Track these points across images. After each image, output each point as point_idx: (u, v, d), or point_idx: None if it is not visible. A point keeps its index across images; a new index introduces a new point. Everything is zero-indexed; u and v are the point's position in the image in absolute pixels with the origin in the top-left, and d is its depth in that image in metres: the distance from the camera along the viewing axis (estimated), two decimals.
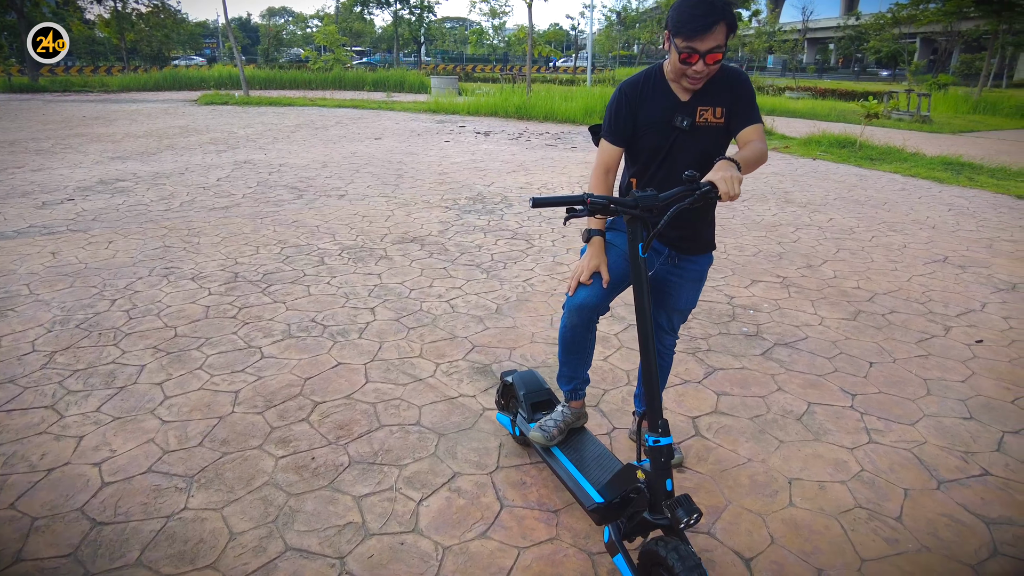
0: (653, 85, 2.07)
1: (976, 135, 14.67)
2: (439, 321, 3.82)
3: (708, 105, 2.02)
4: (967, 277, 4.80)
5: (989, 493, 2.46)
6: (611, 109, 2.11)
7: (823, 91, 23.48)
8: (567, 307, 2.15)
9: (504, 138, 12.09)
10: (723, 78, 2.02)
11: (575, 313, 2.13)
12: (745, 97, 2.01)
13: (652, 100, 2.06)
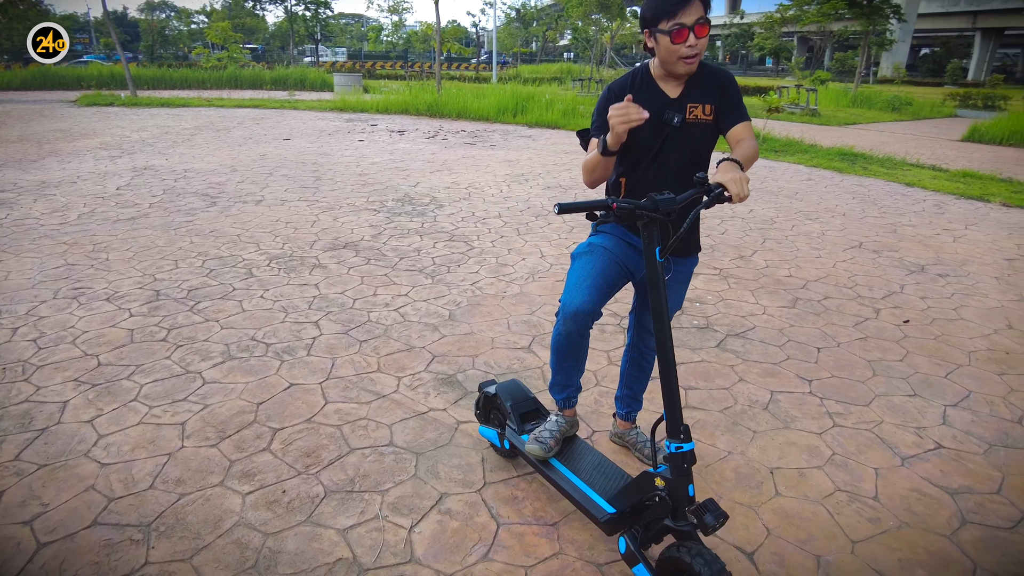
0: (642, 83, 2.04)
1: (859, 127, 15.90)
2: (391, 331, 3.65)
3: (698, 102, 2.01)
4: (883, 261, 5.15)
5: (946, 465, 2.61)
6: (600, 107, 2.06)
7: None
8: (562, 314, 2.07)
9: (420, 136, 11.86)
10: (711, 76, 2.02)
11: (571, 320, 2.06)
12: (733, 96, 2.02)
13: (642, 98, 2.02)
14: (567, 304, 2.06)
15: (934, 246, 5.60)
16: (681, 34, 1.86)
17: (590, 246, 2.17)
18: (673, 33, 1.86)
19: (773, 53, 60.06)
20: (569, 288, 2.09)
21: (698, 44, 1.88)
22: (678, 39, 1.87)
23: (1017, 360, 3.53)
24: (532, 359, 3.38)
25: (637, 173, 2.10)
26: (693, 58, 1.91)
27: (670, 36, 1.87)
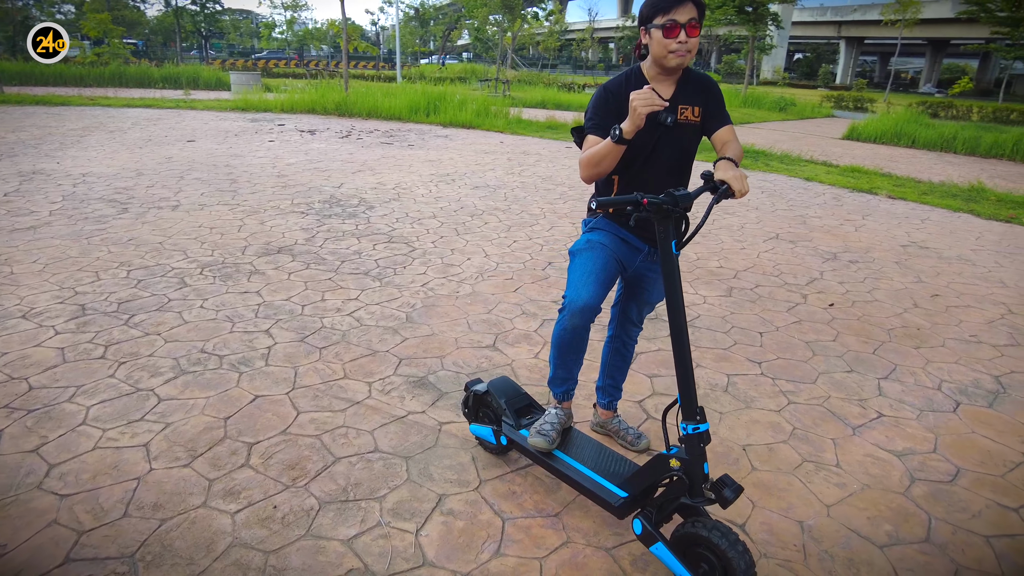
0: (636, 84, 2.12)
1: (753, 126, 17.01)
2: (350, 337, 3.56)
3: (688, 104, 2.11)
4: (800, 250, 5.57)
5: (888, 431, 2.89)
6: (597, 106, 2.12)
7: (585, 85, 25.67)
8: (569, 310, 2.12)
9: (333, 136, 11.52)
10: (697, 80, 2.15)
11: (578, 315, 2.11)
12: (718, 100, 2.15)
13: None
14: (574, 300, 2.11)
15: (840, 235, 6.13)
16: (673, 30, 1.96)
17: (588, 242, 2.23)
18: (666, 28, 1.96)
19: None
20: (574, 284, 2.14)
21: (688, 42, 1.99)
22: (670, 34, 1.97)
23: (927, 335, 3.94)
24: (499, 357, 3.40)
25: (631, 171, 2.18)
26: (683, 54, 2.01)
27: (663, 31, 1.97)
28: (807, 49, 68.88)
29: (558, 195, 7.37)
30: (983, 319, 4.21)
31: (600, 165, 2.06)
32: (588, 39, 52.34)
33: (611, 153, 2.01)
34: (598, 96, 2.16)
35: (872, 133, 14.46)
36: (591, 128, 2.13)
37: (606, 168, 2.07)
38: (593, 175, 2.11)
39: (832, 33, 54.61)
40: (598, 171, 2.09)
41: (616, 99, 2.10)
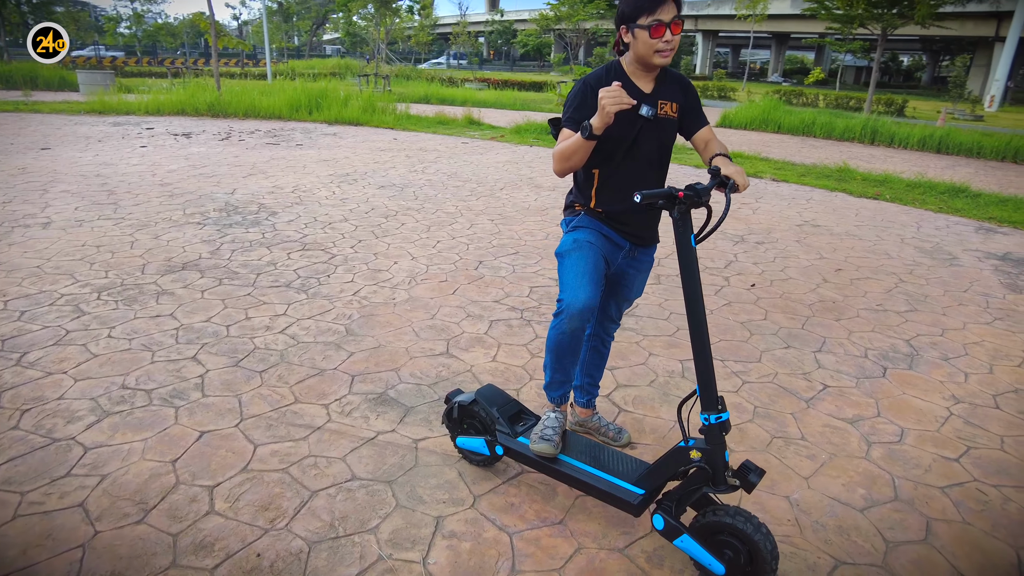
0: (616, 78, 2.09)
1: None
2: (289, 356, 3.29)
3: (666, 99, 2.12)
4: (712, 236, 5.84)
5: (836, 400, 3.09)
6: (576, 99, 2.08)
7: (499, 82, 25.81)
8: (568, 313, 2.06)
9: (211, 139, 10.68)
10: (674, 77, 2.16)
11: (576, 318, 2.06)
12: (695, 100, 2.18)
13: None
14: (572, 302, 2.05)
15: (742, 219, 6.51)
16: (659, 30, 1.94)
17: (575, 242, 2.18)
18: (652, 28, 1.94)
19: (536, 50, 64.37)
20: (569, 286, 2.09)
21: (673, 40, 1.98)
22: (656, 34, 1.95)
23: (842, 307, 4.27)
24: (457, 364, 3.28)
25: (611, 165, 2.15)
26: (668, 52, 2.01)
27: (649, 31, 1.95)
28: None
29: (468, 192, 7.27)
30: (882, 289, 4.63)
31: (571, 160, 2.04)
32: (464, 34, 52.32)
33: (581, 148, 1.99)
34: (577, 90, 2.12)
35: (742, 120, 15.53)
36: (566, 121, 2.09)
37: (577, 163, 2.05)
38: (566, 169, 2.08)
39: (689, 26, 58.12)
40: (570, 165, 2.06)
41: (595, 94, 2.06)
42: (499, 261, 4.90)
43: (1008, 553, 2.16)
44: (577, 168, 2.09)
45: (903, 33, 19.57)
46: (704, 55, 58.97)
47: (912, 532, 2.23)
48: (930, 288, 4.68)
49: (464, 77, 28.70)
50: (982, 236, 6.27)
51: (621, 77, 2.09)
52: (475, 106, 17.56)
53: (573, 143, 1.99)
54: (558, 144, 2.07)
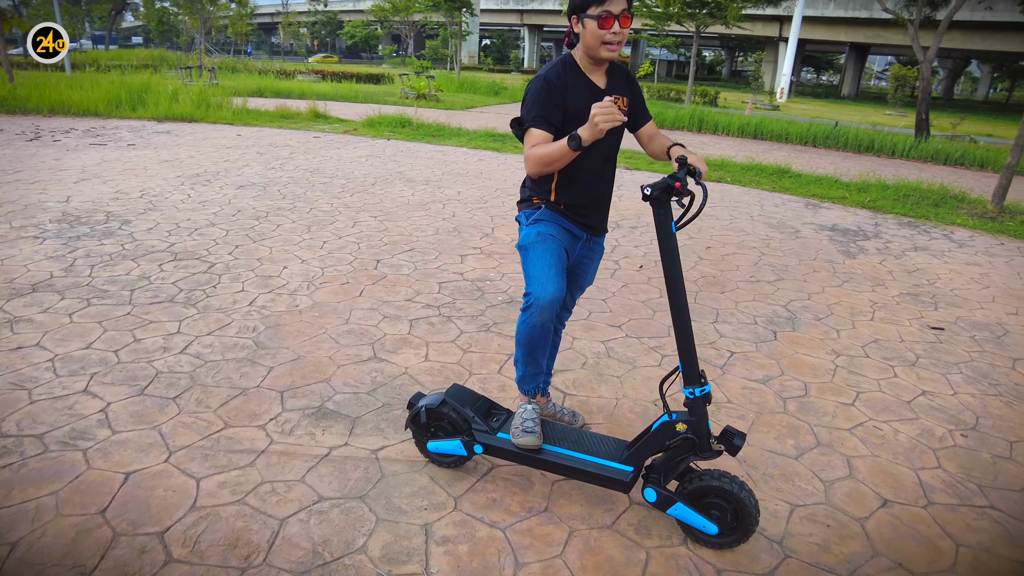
0: (573, 74, 2.13)
1: (479, 110, 17.95)
2: (201, 378, 2.98)
3: (619, 94, 2.20)
4: None
5: (745, 363, 3.42)
6: (539, 96, 2.08)
7: (336, 74, 24.79)
8: (537, 306, 2.08)
9: (16, 139, 9.17)
10: (621, 71, 2.25)
11: (547, 310, 2.09)
12: (641, 94, 2.31)
13: (575, 88, 2.12)
14: (541, 295, 2.08)
15: (612, 206, 6.90)
16: (608, 21, 2.01)
17: (539, 235, 2.20)
18: (600, 19, 2.00)
19: (364, 42, 62.72)
20: (537, 279, 2.11)
21: (621, 32, 2.06)
22: (605, 25, 2.01)
23: (722, 280, 4.71)
24: (389, 367, 3.18)
25: (573, 161, 2.19)
26: (615, 44, 2.08)
27: (597, 21, 2.01)
28: (493, 35, 74.58)
29: (339, 188, 6.97)
30: (749, 262, 5.18)
31: (552, 166, 2.05)
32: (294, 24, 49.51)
33: (566, 157, 2.00)
34: (538, 88, 2.11)
35: None
36: (536, 120, 2.09)
37: (557, 168, 2.08)
38: (543, 172, 2.11)
39: (515, 21, 59.88)
40: (549, 170, 2.09)
41: (559, 90, 2.09)
42: (397, 259, 4.78)
43: (911, 475, 2.56)
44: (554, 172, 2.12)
45: (706, 31, 21.75)
46: (531, 49, 61.12)
47: (839, 470, 2.56)
48: (787, 259, 5.31)
49: (297, 69, 27.22)
50: (812, 211, 7.23)
51: (578, 73, 2.14)
52: (314, 99, 16.77)
53: (556, 151, 1.98)
54: (534, 148, 2.06)
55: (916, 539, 2.22)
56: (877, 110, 29.45)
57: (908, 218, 7.15)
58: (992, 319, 4.27)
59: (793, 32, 34.36)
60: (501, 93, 23.09)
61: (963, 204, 7.72)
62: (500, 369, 3.22)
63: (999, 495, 2.48)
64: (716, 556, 2.07)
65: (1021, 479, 2.60)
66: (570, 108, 2.09)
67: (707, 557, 2.07)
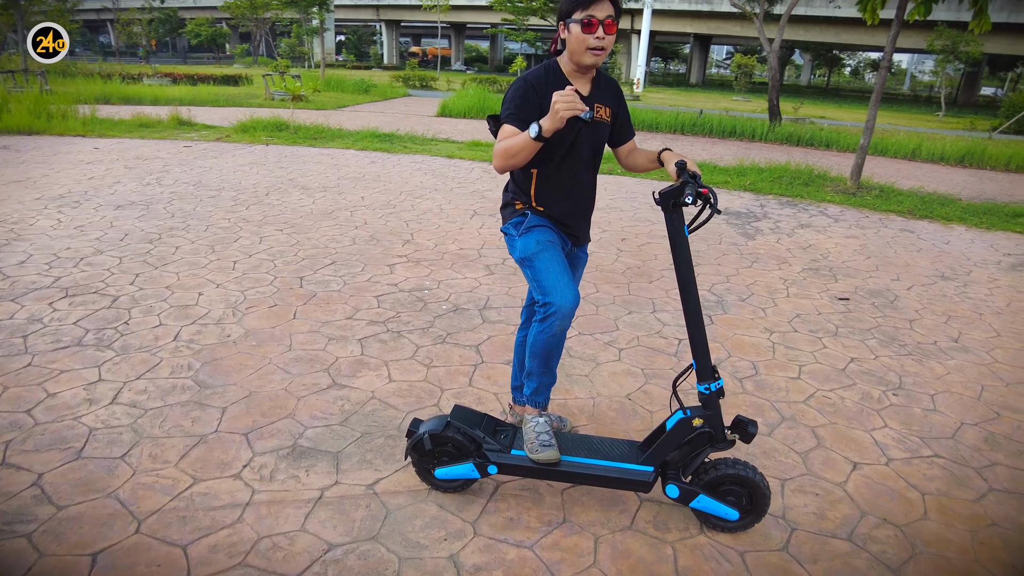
0: (555, 79, 2.12)
1: (352, 109, 17.35)
2: (146, 430, 2.67)
3: (602, 103, 2.22)
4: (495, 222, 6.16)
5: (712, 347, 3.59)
6: (517, 97, 2.07)
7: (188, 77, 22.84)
8: (560, 315, 2.06)
9: None
10: (607, 82, 2.27)
11: (569, 317, 2.09)
12: (626, 109, 2.36)
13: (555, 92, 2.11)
14: (562, 304, 2.06)
15: None
16: (592, 25, 2.02)
17: (539, 243, 2.18)
18: (584, 24, 2.01)
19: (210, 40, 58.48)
20: (555, 287, 2.09)
21: (605, 39, 2.08)
22: (588, 30, 2.02)
23: (646, 270, 4.92)
24: (355, 394, 3.01)
25: (551, 166, 2.19)
26: (600, 51, 2.10)
27: (581, 26, 2.02)
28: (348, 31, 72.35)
29: (231, 201, 6.47)
30: (665, 250, 5.44)
31: (515, 158, 2.01)
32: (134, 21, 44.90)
33: (527, 148, 1.97)
34: (519, 87, 2.10)
35: (462, 109, 16.34)
36: (509, 117, 2.07)
37: (521, 161, 2.03)
38: (508, 166, 2.06)
39: (372, 16, 58.48)
40: (513, 163, 2.03)
41: (537, 92, 2.08)
42: (321, 275, 4.53)
43: (866, 437, 2.82)
44: (520, 166, 2.07)
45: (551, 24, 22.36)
46: (389, 45, 60.02)
47: (808, 441, 2.77)
48: (696, 245, 5.64)
49: (142, 72, 24.80)
50: None
51: (559, 77, 2.14)
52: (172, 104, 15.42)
53: (519, 142, 1.96)
54: (501, 141, 2.04)
55: (889, 494, 2.46)
56: (725, 96, 31.97)
57: (786, 198, 7.85)
58: (882, 286, 4.81)
59: (645, 24, 36.34)
60: (371, 91, 22.48)
61: (827, 182, 8.61)
62: (470, 381, 3.16)
63: (938, 444, 2.81)
64: (734, 540, 2.18)
65: (950, 427, 2.95)
66: (545, 112, 2.08)
67: (726, 542, 2.17)
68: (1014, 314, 4.41)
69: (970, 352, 3.75)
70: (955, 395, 3.25)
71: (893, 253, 5.69)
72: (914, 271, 5.22)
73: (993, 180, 10.76)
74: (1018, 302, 4.67)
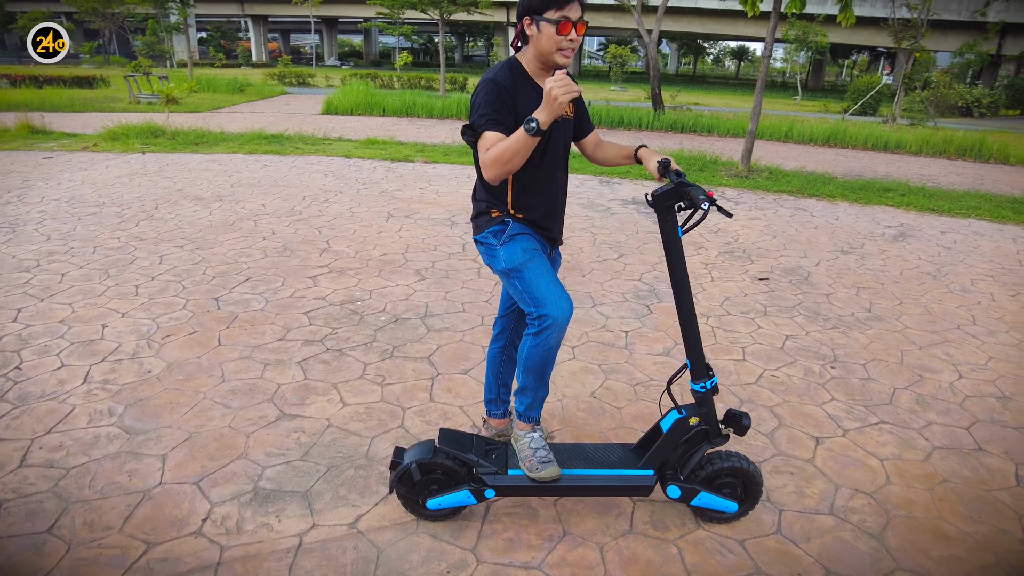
0: (521, 78, 2.05)
1: (227, 111, 16.24)
2: (73, 494, 2.32)
3: None
4: (420, 222, 5.99)
5: (641, 341, 3.66)
6: (490, 100, 1.96)
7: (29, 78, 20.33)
8: (556, 326, 1.99)
9: None
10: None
11: (565, 327, 2.02)
12: (583, 104, 2.29)
13: (524, 93, 2.04)
14: (559, 314, 1.99)
15: (433, 202, 6.80)
16: (566, 27, 1.96)
17: (525, 252, 2.09)
18: (560, 24, 1.95)
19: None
20: (549, 298, 2.01)
21: (576, 40, 2.03)
22: (563, 31, 1.96)
23: (578, 265, 4.95)
24: (309, 423, 2.79)
25: (529, 167, 2.11)
26: (571, 51, 2.04)
27: (556, 27, 1.95)
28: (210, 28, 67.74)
29: (117, 218, 5.82)
30: (588, 243, 5.51)
31: (512, 161, 1.90)
32: None
33: (525, 146, 1.86)
34: (488, 90, 1.99)
35: (348, 106, 15.75)
36: (489, 123, 1.96)
37: (518, 164, 1.91)
38: (503, 173, 1.94)
39: (236, 11, 55.03)
40: (509, 168, 1.91)
41: (508, 93, 2.00)
42: (238, 293, 4.18)
43: (819, 411, 2.98)
44: (516, 170, 1.97)
45: (430, 17, 22.02)
46: (258, 42, 56.80)
47: (770, 422, 2.89)
48: (616, 235, 5.75)
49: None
50: (608, 188, 7.89)
51: (522, 75, 2.05)
52: (17, 110, 13.70)
53: (515, 143, 1.84)
54: (490, 149, 1.91)
55: (854, 464, 2.60)
56: (602, 87, 32.99)
57: None
58: (793, 264, 5.13)
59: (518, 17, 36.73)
60: (246, 90, 21.16)
61: (720, 167, 9.09)
62: (431, 396, 3.02)
63: (881, 411, 3.02)
64: (730, 529, 2.22)
65: (886, 393, 3.19)
66: (520, 113, 2.00)
67: (724, 533, 2.20)
68: (908, 282, 4.86)
69: (884, 320, 4.08)
70: (882, 362, 3.51)
71: (794, 231, 6.10)
72: (817, 247, 5.62)
73: (856, 158, 11.85)
74: (908, 270, 5.14)
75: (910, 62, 19.41)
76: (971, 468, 2.63)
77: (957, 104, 21.92)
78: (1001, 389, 3.29)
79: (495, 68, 2.07)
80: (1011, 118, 26.63)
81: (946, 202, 7.70)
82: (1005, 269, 5.32)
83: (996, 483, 2.54)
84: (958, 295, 4.61)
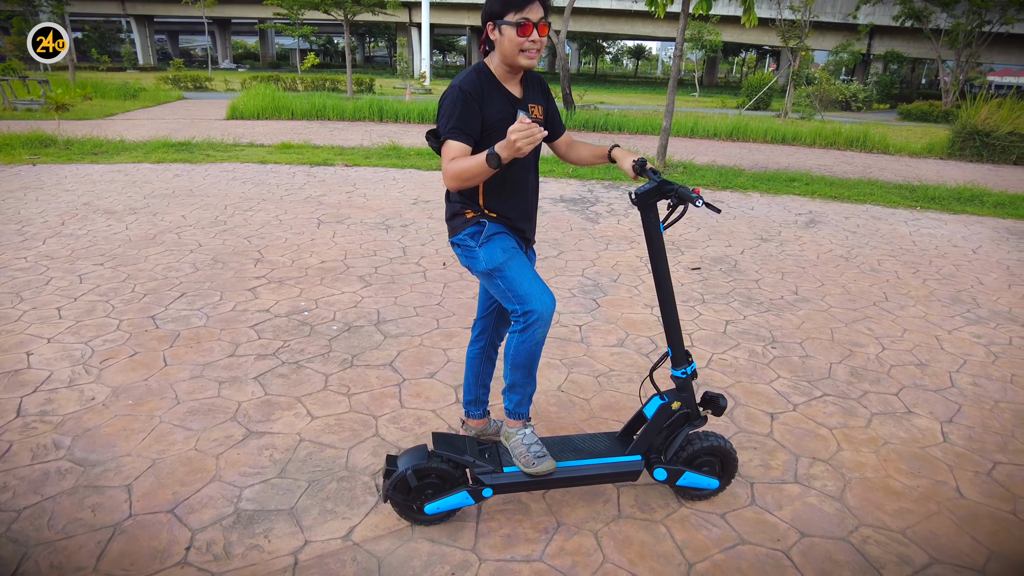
0: (489, 83, 2.08)
1: (122, 117, 15.19)
2: (32, 537, 2.15)
3: (535, 103, 2.22)
4: (357, 226, 5.88)
5: (595, 335, 3.78)
6: (455, 108, 1.99)
7: None
8: (542, 321, 2.04)
9: None
10: (535, 80, 2.26)
11: (550, 321, 2.07)
12: (554, 104, 2.35)
13: (492, 98, 2.08)
14: (544, 310, 2.04)
15: (366, 207, 6.69)
16: (526, 28, 2.01)
17: (505, 252, 2.13)
18: (519, 26, 2.00)
19: None
20: (533, 294, 2.06)
21: (539, 40, 2.08)
22: (523, 32, 2.01)
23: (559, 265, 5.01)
24: (280, 440, 2.71)
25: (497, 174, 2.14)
26: (534, 52, 2.09)
27: (516, 29, 2.00)
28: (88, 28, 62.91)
29: (17, 235, 5.35)
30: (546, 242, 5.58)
31: (471, 181, 1.96)
32: None
33: (484, 172, 1.91)
34: (454, 98, 2.01)
35: (254, 111, 15.13)
36: (453, 132, 1.99)
37: (476, 184, 2.00)
38: (463, 187, 2.00)
39: (117, 11, 51.38)
40: (467, 186, 1.99)
41: (476, 99, 2.03)
42: (175, 310, 3.96)
43: (769, 389, 3.21)
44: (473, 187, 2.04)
45: (331, 18, 21.55)
46: (143, 43, 53.30)
47: (743, 416, 3.07)
48: (552, 233, 5.88)
49: None
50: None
51: (493, 81, 2.09)
52: None
53: (475, 167, 1.89)
54: (453, 162, 1.96)
55: (808, 435, 2.82)
56: None
57: (607, 181, 8.47)
58: (720, 253, 5.43)
59: (424, 17, 36.50)
60: (139, 95, 19.85)
61: None
62: (401, 403, 3.00)
63: (823, 384, 3.28)
64: (711, 505, 2.36)
65: (823, 368, 3.46)
66: (487, 118, 2.05)
67: (705, 508, 2.34)
68: (825, 264, 5.27)
69: (810, 302, 4.41)
70: (816, 340, 3.80)
71: (716, 223, 6.45)
72: (739, 237, 5.98)
73: (759, 151, 12.64)
74: (823, 254, 5.58)
75: (797, 60, 20.85)
76: (905, 429, 2.91)
77: (837, 99, 23.79)
78: (918, 357, 3.65)
79: (463, 74, 2.08)
80: (883, 111, 29.22)
81: (845, 190, 8.38)
82: (903, 249, 5.87)
83: (927, 440, 2.83)
84: (869, 275, 5.05)
